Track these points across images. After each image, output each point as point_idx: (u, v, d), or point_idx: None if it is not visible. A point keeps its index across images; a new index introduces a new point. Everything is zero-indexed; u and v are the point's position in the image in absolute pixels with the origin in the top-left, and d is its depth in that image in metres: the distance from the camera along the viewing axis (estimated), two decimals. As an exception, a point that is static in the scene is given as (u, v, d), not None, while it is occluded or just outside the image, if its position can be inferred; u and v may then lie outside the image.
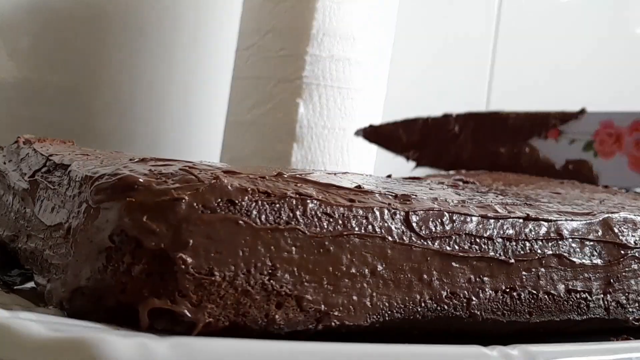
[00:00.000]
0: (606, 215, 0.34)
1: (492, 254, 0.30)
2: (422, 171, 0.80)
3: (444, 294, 0.29)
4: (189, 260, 0.24)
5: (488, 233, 0.30)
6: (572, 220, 0.32)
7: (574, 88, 0.91)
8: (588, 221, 0.33)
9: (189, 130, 0.68)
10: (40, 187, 0.31)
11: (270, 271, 0.25)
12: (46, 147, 0.35)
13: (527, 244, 0.31)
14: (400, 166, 0.77)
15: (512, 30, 0.86)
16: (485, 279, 0.30)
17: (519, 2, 0.87)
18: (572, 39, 0.91)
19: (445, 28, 0.82)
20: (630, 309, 0.34)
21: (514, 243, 0.31)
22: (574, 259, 0.32)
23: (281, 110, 0.54)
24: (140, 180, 0.24)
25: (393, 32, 0.58)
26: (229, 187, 0.25)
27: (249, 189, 0.25)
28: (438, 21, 0.82)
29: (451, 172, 0.52)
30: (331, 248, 0.26)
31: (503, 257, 0.30)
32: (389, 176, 0.39)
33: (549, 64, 0.90)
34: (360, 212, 0.27)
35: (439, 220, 0.29)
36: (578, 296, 0.32)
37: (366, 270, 0.27)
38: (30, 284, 0.31)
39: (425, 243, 0.28)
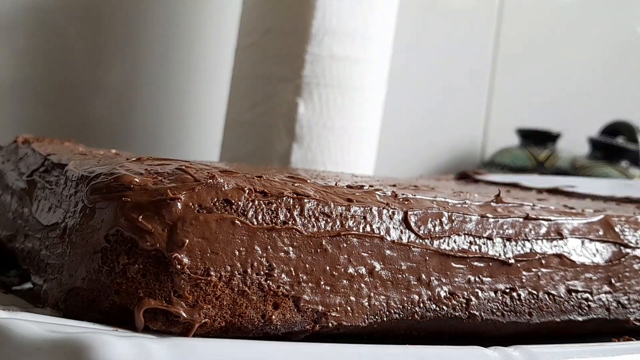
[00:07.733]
0: (607, 214, 0.34)
1: (491, 253, 0.30)
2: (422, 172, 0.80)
3: (443, 294, 0.28)
4: (185, 260, 0.23)
5: (487, 233, 0.30)
6: (572, 219, 0.32)
7: (575, 88, 0.91)
8: (588, 220, 0.33)
9: (188, 129, 0.68)
10: (37, 186, 0.31)
11: (267, 271, 0.25)
12: (44, 146, 0.35)
13: (527, 243, 0.31)
14: (401, 166, 0.77)
15: (514, 28, 0.86)
16: (485, 279, 0.29)
17: (520, 2, 0.87)
18: (575, 39, 0.91)
19: (446, 26, 0.82)
20: (631, 309, 0.33)
21: (514, 243, 0.30)
22: (575, 259, 0.32)
23: (281, 109, 0.53)
24: (136, 179, 0.24)
25: (393, 31, 0.58)
26: (225, 186, 0.25)
27: (246, 188, 0.25)
28: (439, 19, 0.81)
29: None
30: (329, 248, 0.26)
31: (503, 257, 0.30)
32: None
33: (551, 62, 0.90)
34: (359, 211, 0.27)
35: (438, 219, 0.29)
36: (579, 296, 0.32)
37: (364, 270, 0.27)
38: (29, 285, 0.31)
39: (424, 243, 0.28)
